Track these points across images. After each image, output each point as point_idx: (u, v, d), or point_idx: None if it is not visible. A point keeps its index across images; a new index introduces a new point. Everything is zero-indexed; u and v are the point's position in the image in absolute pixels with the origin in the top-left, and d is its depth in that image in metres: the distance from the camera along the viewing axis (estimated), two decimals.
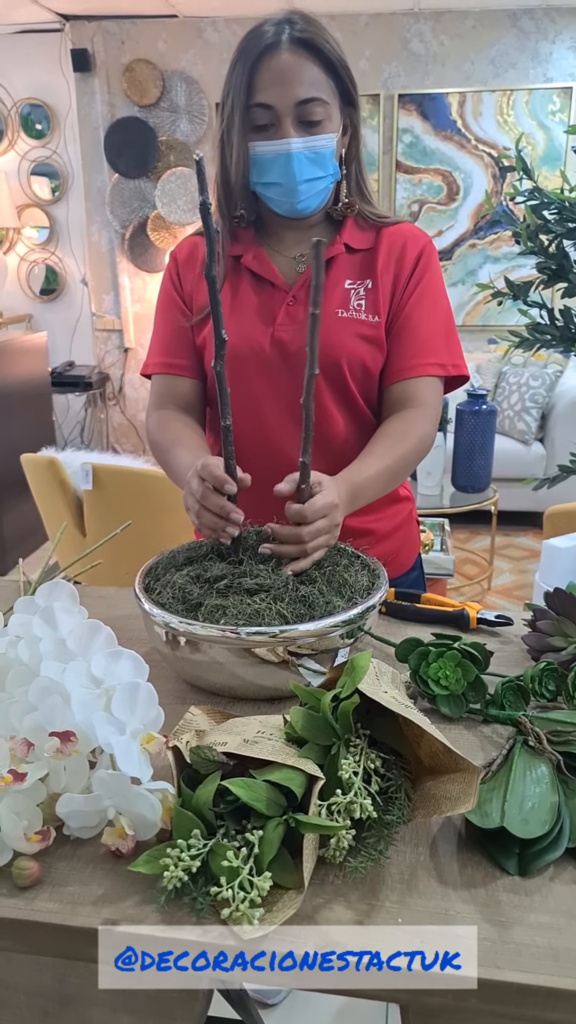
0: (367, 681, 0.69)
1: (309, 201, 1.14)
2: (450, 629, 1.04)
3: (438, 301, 1.21)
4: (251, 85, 1.09)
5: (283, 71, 1.07)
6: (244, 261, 1.20)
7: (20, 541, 3.76)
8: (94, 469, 2.45)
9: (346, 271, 1.19)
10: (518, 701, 0.82)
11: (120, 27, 4.60)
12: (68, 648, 0.80)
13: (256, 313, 1.18)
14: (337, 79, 1.11)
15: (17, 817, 0.66)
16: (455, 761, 0.65)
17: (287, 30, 1.08)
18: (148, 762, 0.68)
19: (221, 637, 0.82)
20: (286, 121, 1.08)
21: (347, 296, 1.17)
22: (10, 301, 5.09)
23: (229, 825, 0.63)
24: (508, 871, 0.63)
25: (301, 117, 1.08)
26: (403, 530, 1.32)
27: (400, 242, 1.20)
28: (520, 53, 4.36)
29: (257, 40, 1.09)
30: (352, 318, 1.16)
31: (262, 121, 1.10)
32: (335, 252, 1.18)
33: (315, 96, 1.08)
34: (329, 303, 1.16)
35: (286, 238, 1.22)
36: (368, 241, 1.20)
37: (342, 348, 1.15)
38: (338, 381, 1.17)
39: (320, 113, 1.09)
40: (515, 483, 3.78)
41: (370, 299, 1.17)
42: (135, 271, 4.95)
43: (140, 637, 1.05)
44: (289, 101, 1.07)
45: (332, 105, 1.11)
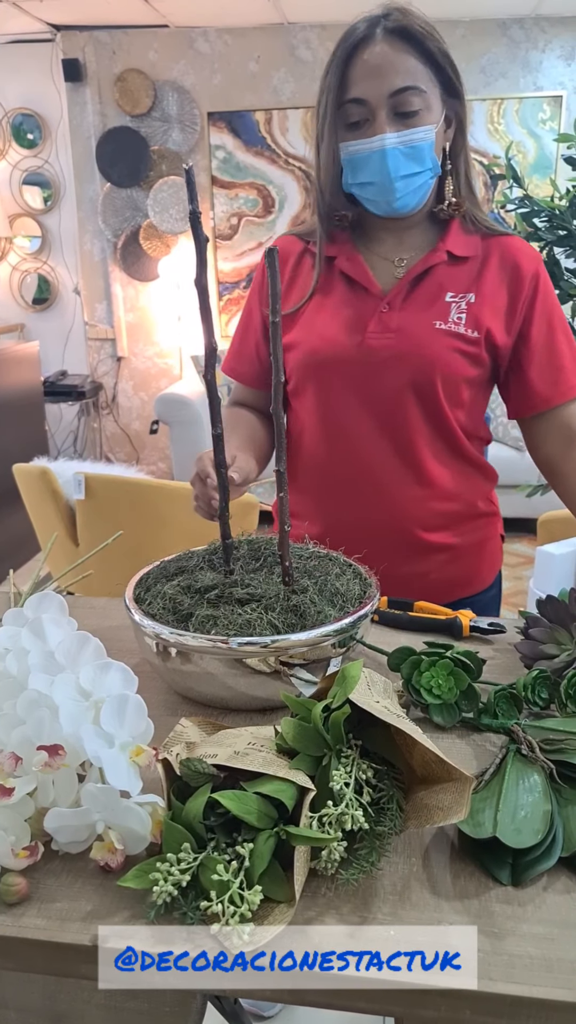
0: (359, 691, 0.68)
1: (407, 199, 1.09)
2: (443, 637, 1.03)
3: (563, 323, 1.17)
4: (343, 82, 1.05)
5: (376, 63, 1.02)
6: (338, 263, 1.16)
7: (13, 552, 3.74)
8: (87, 479, 2.44)
9: (449, 282, 1.13)
10: (511, 709, 0.82)
11: (111, 37, 4.62)
12: (57, 660, 0.79)
13: (346, 319, 1.14)
14: (437, 68, 1.06)
15: (4, 832, 0.65)
16: (447, 771, 0.64)
17: (381, 23, 1.04)
18: (137, 775, 0.67)
19: (212, 647, 0.82)
20: (380, 114, 1.04)
21: (447, 309, 1.12)
22: (2, 311, 5.09)
23: (220, 838, 0.62)
24: (501, 881, 0.62)
25: (396, 108, 1.03)
26: (485, 546, 1.27)
27: (512, 259, 1.14)
28: (510, 62, 4.38)
29: (349, 36, 1.05)
30: (451, 331, 1.11)
31: (355, 118, 1.05)
32: (436, 260, 1.13)
33: (411, 85, 1.03)
34: (427, 314, 1.12)
35: (386, 241, 1.17)
36: (473, 248, 1.14)
37: (436, 361, 1.10)
38: (428, 395, 1.12)
39: (417, 103, 1.03)
40: (509, 490, 3.78)
41: (471, 313, 1.12)
42: (127, 280, 4.96)
43: (132, 648, 1.04)
44: (383, 92, 1.02)
45: (431, 95, 1.05)
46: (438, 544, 1.19)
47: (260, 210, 4.74)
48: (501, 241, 1.15)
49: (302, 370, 1.17)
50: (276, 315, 0.83)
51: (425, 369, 1.11)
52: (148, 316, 4.99)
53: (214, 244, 4.83)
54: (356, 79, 1.04)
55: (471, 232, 1.15)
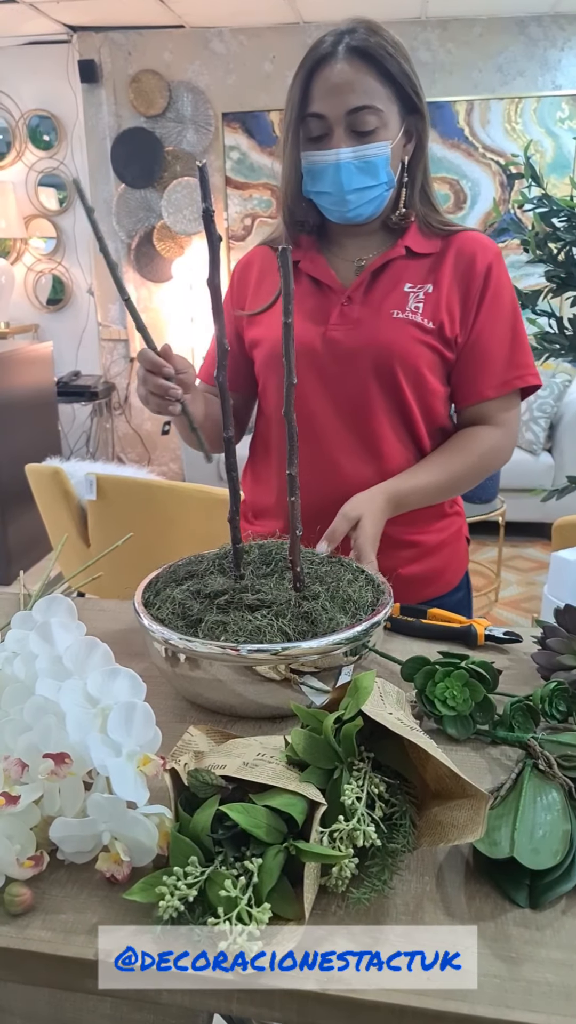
0: (371, 702, 0.66)
1: (360, 209, 1.14)
2: (457, 646, 1.01)
3: (508, 313, 1.20)
4: (305, 96, 1.11)
5: (335, 81, 1.08)
6: (302, 266, 1.21)
7: (25, 551, 3.75)
8: (99, 479, 2.44)
9: (407, 274, 1.18)
10: (527, 722, 0.80)
11: (127, 38, 4.62)
12: (65, 665, 0.78)
13: (309, 313, 1.19)
14: (397, 87, 1.11)
15: (9, 841, 0.64)
16: (462, 787, 0.62)
17: (345, 39, 1.09)
18: (144, 785, 0.66)
19: (221, 654, 0.80)
20: (337, 130, 1.09)
21: (405, 298, 1.17)
22: (17, 311, 5.10)
23: (228, 852, 0.61)
24: (518, 903, 0.60)
25: (352, 126, 1.09)
26: (451, 546, 1.30)
27: (469, 251, 1.18)
28: (528, 61, 4.35)
29: (315, 50, 1.10)
30: (407, 320, 1.15)
31: (316, 132, 1.11)
32: (395, 255, 1.18)
33: (367, 104, 1.08)
34: (385, 304, 1.16)
35: (347, 245, 1.23)
36: (433, 247, 1.19)
37: (394, 348, 1.14)
38: (390, 384, 1.16)
39: (373, 122, 1.09)
40: (523, 493, 3.75)
41: (430, 303, 1.16)
42: (141, 281, 4.96)
43: (141, 652, 1.03)
44: (340, 110, 1.08)
45: (388, 113, 1.10)
46: (405, 540, 1.22)
47: (274, 211, 4.73)
48: (459, 236, 1.20)
49: (267, 363, 1.22)
50: (288, 316, 0.82)
51: (385, 357, 1.15)
52: (161, 317, 4.99)
53: (227, 245, 4.82)
54: (317, 95, 1.10)
55: (430, 235, 1.20)
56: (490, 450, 1.20)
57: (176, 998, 0.57)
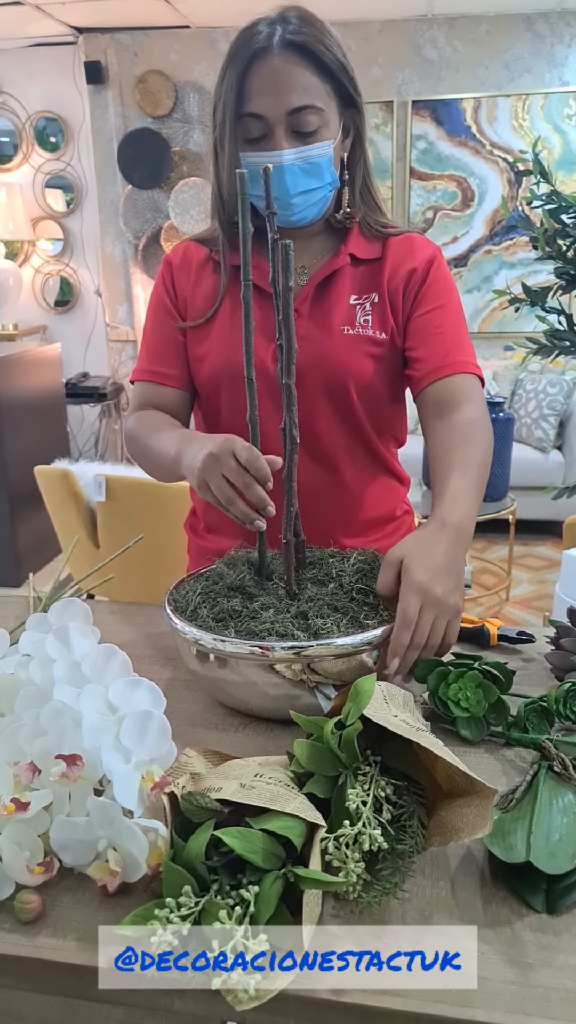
0: (374, 705, 0.65)
1: (305, 213, 1.10)
2: (469, 646, 1.00)
3: (456, 306, 1.16)
4: (241, 93, 1.04)
5: (274, 78, 1.01)
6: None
7: (34, 553, 3.75)
8: (108, 481, 2.44)
9: (350, 285, 1.14)
10: (542, 724, 0.79)
11: (133, 39, 4.62)
12: (83, 672, 0.77)
13: (258, 327, 1.11)
14: (335, 82, 1.06)
15: (19, 848, 0.63)
16: (472, 784, 0.61)
17: (279, 32, 1.02)
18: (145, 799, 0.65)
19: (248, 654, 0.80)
20: (278, 131, 1.03)
21: (352, 312, 1.12)
22: (25, 313, 5.11)
23: (223, 879, 0.58)
24: (535, 908, 0.59)
25: (294, 127, 1.03)
26: None
27: (406, 252, 1.15)
28: (535, 57, 4.33)
29: (248, 43, 1.03)
30: (359, 335, 1.11)
31: (255, 133, 1.05)
32: (339, 264, 1.13)
33: (308, 104, 1.02)
34: (333, 320, 1.12)
35: None
36: (374, 251, 1.15)
37: (348, 368, 1.10)
38: (342, 402, 1.12)
39: (315, 122, 1.04)
40: (533, 491, 3.73)
41: (377, 314, 1.13)
42: (149, 282, 4.96)
43: (150, 655, 1.03)
44: (280, 111, 1.02)
45: (329, 111, 1.06)
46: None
47: None
48: (397, 240, 1.16)
49: (216, 380, 1.16)
50: (290, 307, 0.81)
51: (338, 376, 1.11)
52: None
53: None
54: (253, 93, 1.03)
55: (370, 238, 1.16)
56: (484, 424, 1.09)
57: (190, 1006, 0.56)
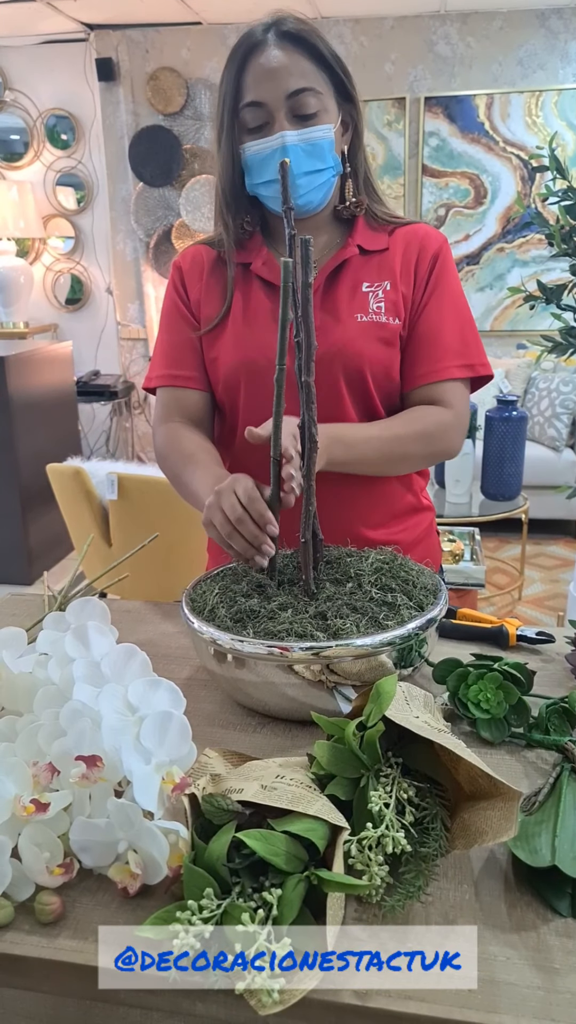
0: (395, 706, 0.65)
1: (311, 195, 1.09)
2: (488, 647, 1.00)
3: (457, 301, 1.17)
4: (240, 86, 1.06)
5: (271, 66, 1.04)
6: (254, 268, 1.16)
7: (46, 551, 3.76)
8: (120, 479, 2.44)
9: (362, 273, 1.15)
10: (563, 725, 0.78)
11: (144, 35, 4.62)
12: (103, 671, 0.77)
13: (270, 321, 1.13)
14: (330, 72, 1.07)
15: (39, 849, 0.63)
16: (495, 785, 0.61)
17: (274, 28, 1.05)
18: (166, 800, 0.65)
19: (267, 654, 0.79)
20: (279, 115, 1.04)
21: (365, 299, 1.13)
22: (36, 311, 5.12)
23: (245, 882, 0.57)
24: (560, 912, 0.59)
25: (294, 110, 1.05)
26: (425, 542, 1.28)
27: (416, 243, 1.15)
28: (549, 53, 4.30)
29: (244, 42, 1.06)
30: (373, 322, 1.12)
31: (255, 122, 1.06)
32: (348, 254, 1.14)
33: (307, 86, 1.04)
34: (348, 308, 1.12)
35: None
36: (382, 242, 1.16)
37: (364, 355, 1.11)
38: (360, 389, 1.13)
39: (314, 104, 1.05)
40: (546, 490, 3.71)
41: (389, 300, 1.13)
42: (160, 280, 4.95)
43: (166, 654, 1.03)
44: (280, 94, 1.04)
45: (327, 96, 1.07)
46: (382, 541, 1.17)
47: None
48: (406, 230, 1.17)
49: (233, 379, 1.16)
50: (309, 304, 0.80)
51: (355, 364, 1.11)
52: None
53: None
54: (252, 83, 1.05)
55: (377, 228, 1.17)
56: (437, 425, 1.13)
57: (211, 1009, 0.56)
